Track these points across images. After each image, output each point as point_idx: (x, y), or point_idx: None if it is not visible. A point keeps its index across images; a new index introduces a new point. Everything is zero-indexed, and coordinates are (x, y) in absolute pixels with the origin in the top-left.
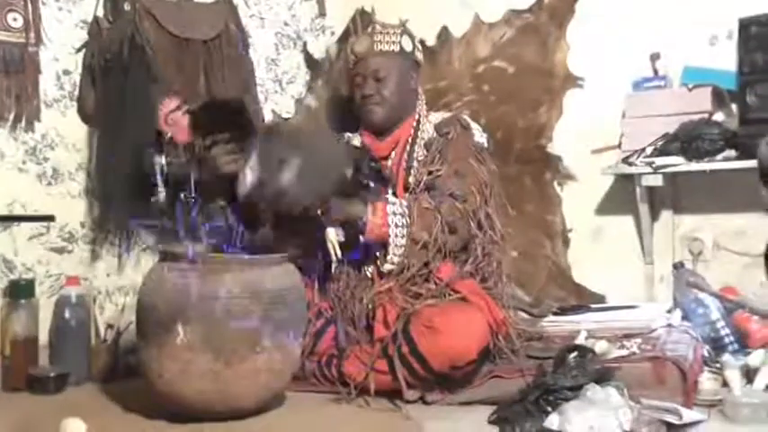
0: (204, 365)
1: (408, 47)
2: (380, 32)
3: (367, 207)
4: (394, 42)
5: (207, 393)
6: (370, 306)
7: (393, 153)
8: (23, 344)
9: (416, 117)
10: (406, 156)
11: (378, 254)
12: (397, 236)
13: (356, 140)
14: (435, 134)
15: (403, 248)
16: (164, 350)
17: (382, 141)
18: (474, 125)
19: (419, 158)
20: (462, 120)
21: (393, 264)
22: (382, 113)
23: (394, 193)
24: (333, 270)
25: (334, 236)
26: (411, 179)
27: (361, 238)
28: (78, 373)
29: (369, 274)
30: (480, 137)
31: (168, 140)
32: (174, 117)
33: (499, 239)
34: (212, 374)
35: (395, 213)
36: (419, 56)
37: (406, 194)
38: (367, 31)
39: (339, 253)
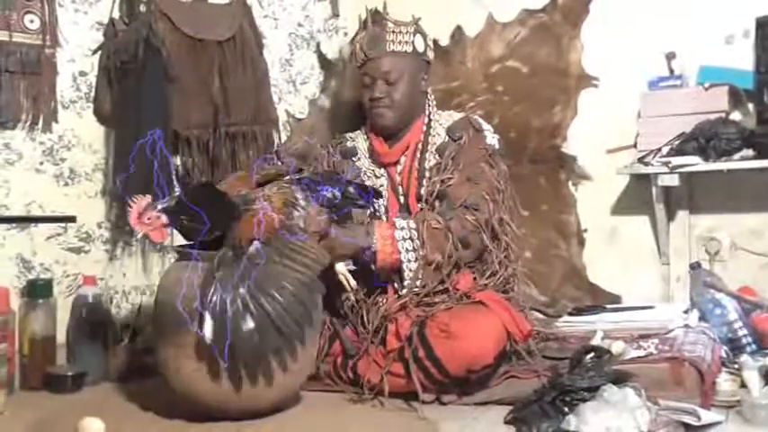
0: (221, 364)
1: (421, 47)
2: (393, 31)
3: (373, 236)
4: (407, 42)
5: (223, 392)
6: (383, 313)
7: (403, 158)
8: (41, 343)
9: (426, 120)
10: (416, 163)
11: (393, 277)
12: (410, 261)
13: (359, 140)
14: (447, 138)
15: (416, 272)
16: (181, 349)
17: (391, 147)
18: (486, 126)
19: (431, 165)
20: (474, 122)
21: (409, 288)
22: (392, 117)
23: (407, 205)
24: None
25: (343, 268)
26: (423, 190)
27: (373, 267)
28: (95, 372)
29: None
30: (492, 138)
31: (143, 237)
32: (150, 216)
33: (514, 245)
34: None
35: (404, 239)
36: (431, 55)
37: (419, 204)
38: (378, 29)
39: (353, 283)
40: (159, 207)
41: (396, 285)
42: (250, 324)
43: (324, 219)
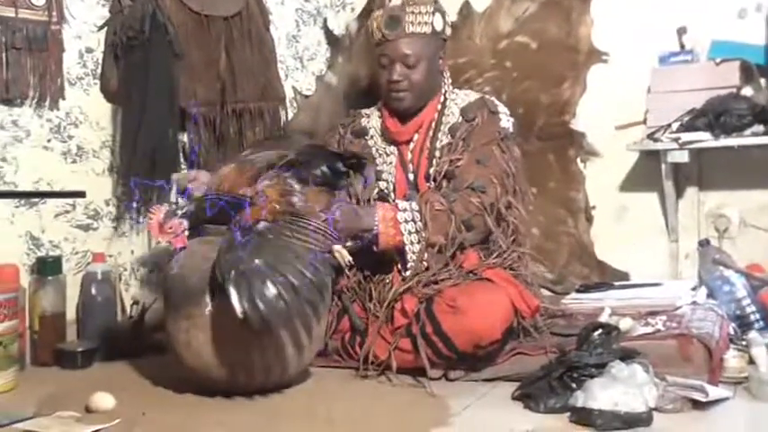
0: (231, 336)
1: (439, 25)
2: (412, 12)
3: (375, 217)
4: (426, 23)
5: (233, 364)
6: (392, 296)
7: (416, 136)
8: (51, 319)
9: (441, 98)
10: (428, 142)
11: (396, 258)
12: (412, 243)
13: (374, 117)
14: (461, 118)
15: (419, 254)
16: (192, 321)
17: (405, 125)
18: (501, 108)
19: (442, 144)
20: (490, 103)
21: (413, 270)
22: (410, 100)
23: (416, 183)
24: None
25: (340, 247)
26: (432, 169)
27: (375, 248)
28: (105, 348)
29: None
30: (506, 121)
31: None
32: (171, 225)
33: (522, 228)
34: (239, 345)
35: (407, 221)
36: (448, 32)
37: (428, 183)
38: (397, 8)
39: (350, 259)
40: (180, 214)
41: (399, 267)
42: (272, 291)
43: (324, 197)
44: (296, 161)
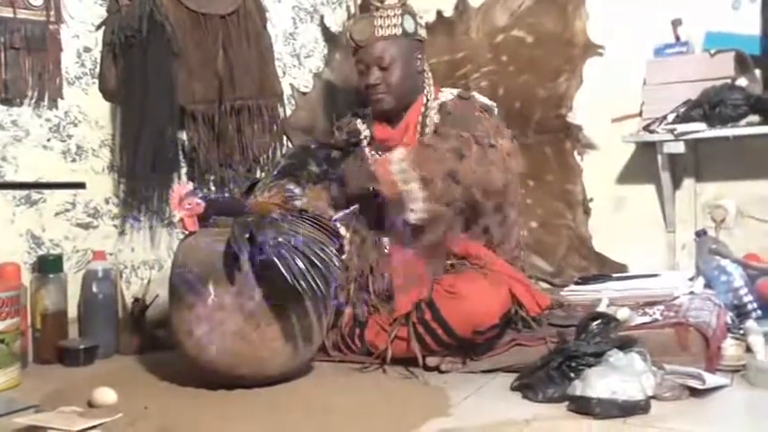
0: (233, 326)
1: (411, 27)
2: (381, 16)
3: (373, 175)
4: (395, 25)
5: (234, 354)
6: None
7: (405, 138)
8: (53, 317)
9: (424, 100)
10: (416, 142)
11: (404, 215)
12: (405, 181)
13: (362, 123)
14: (439, 116)
15: (419, 193)
16: (194, 310)
17: (394, 129)
18: (475, 94)
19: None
20: (462, 93)
21: (418, 212)
22: (390, 101)
23: None
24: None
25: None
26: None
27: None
28: (106, 345)
29: (386, 250)
30: (479, 97)
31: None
32: (190, 202)
33: (517, 212)
34: (241, 335)
35: (397, 160)
36: (423, 33)
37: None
38: (365, 15)
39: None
40: (200, 195)
41: (407, 218)
42: (301, 264)
43: (325, 194)
44: (289, 165)
